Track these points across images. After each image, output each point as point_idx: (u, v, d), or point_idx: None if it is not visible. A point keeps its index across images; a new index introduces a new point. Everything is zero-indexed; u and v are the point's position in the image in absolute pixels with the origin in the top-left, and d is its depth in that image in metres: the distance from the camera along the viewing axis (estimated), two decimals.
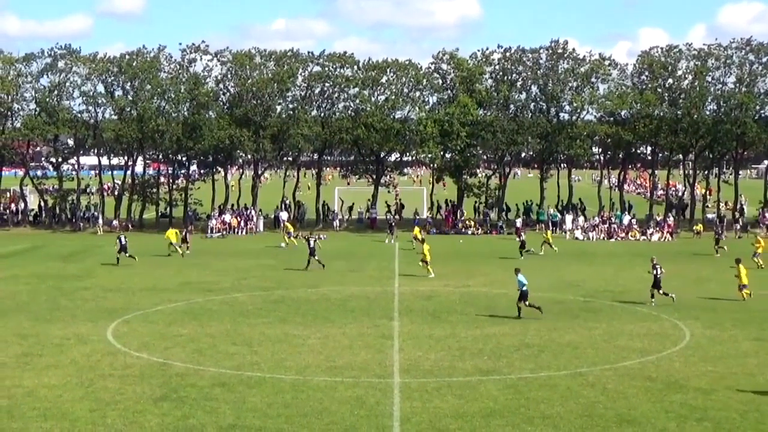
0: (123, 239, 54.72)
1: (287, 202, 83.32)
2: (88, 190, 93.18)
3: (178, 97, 78.17)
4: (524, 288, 35.87)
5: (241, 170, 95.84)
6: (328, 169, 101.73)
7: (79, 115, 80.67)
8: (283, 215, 78.36)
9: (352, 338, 31.74)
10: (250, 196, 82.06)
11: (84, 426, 21.67)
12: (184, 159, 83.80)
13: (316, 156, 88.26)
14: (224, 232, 74.34)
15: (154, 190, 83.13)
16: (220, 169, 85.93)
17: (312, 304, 39.40)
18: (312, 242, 51.59)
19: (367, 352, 29.45)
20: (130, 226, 77.56)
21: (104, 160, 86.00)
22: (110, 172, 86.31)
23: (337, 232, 75.85)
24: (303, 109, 79.14)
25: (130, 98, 78.88)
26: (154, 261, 55.63)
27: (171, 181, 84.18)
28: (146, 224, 79.89)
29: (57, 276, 48.74)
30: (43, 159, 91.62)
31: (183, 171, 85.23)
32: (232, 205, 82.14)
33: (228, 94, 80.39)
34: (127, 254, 53.72)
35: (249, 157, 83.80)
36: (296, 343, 30.91)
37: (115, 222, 77.22)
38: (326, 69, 79.20)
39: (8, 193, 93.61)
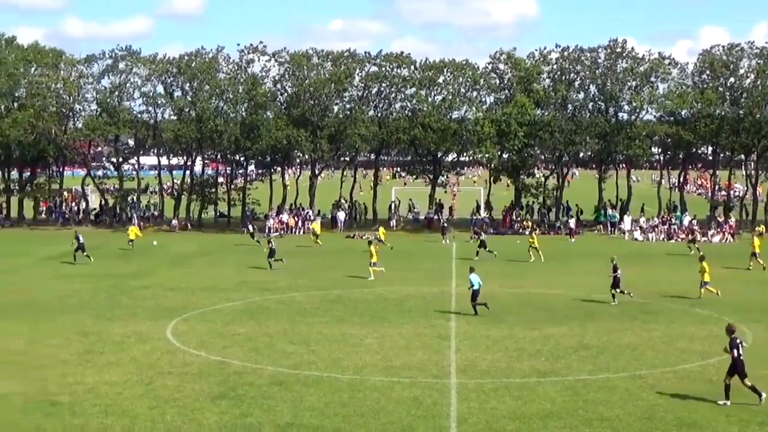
0: (80, 238, 55.28)
1: (344, 202, 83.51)
2: (148, 190, 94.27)
3: (236, 97, 78.75)
4: (476, 288, 36.24)
5: (298, 170, 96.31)
6: (384, 169, 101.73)
7: (139, 116, 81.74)
8: (340, 215, 78.60)
9: (408, 338, 31.72)
10: (308, 196, 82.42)
11: (143, 423, 21.90)
12: (242, 159, 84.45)
13: (372, 156, 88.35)
14: (282, 232, 74.73)
15: (213, 190, 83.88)
16: (277, 169, 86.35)
17: (369, 303, 39.44)
18: (273, 244, 52.85)
19: (423, 353, 29.40)
20: (188, 225, 78.32)
21: (164, 160, 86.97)
22: (169, 172, 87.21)
23: (394, 232, 75.80)
24: (360, 109, 79.28)
25: (189, 99, 79.63)
26: (212, 260, 56.09)
27: (229, 181, 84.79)
28: (205, 224, 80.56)
29: (117, 275, 49.34)
30: (104, 159, 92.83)
31: (241, 171, 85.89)
32: (290, 205, 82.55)
33: (285, 94, 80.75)
34: (84, 253, 54.20)
35: (306, 157, 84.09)
36: (353, 343, 30.96)
37: (174, 221, 78.00)
38: (383, 69, 79.24)
39: (69, 193, 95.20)
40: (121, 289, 43.94)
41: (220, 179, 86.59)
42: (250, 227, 67.52)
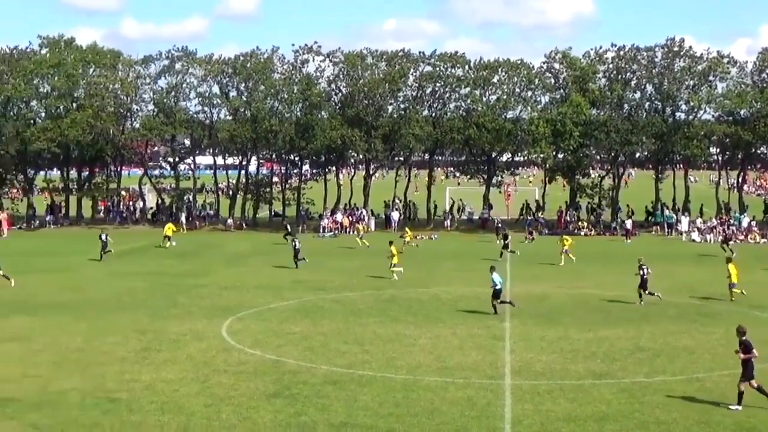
0: (104, 236, 56.68)
1: (398, 201, 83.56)
2: (204, 190, 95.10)
3: (291, 97, 79.20)
4: (498, 287, 36.50)
5: (352, 170, 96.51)
6: (438, 169, 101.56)
7: (195, 116, 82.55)
8: (394, 215, 78.69)
9: (462, 339, 31.65)
10: (362, 196, 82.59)
11: (199, 420, 22.10)
12: (296, 159, 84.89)
13: (426, 156, 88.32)
14: (336, 232, 74.98)
15: (268, 189, 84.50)
16: (332, 168, 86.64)
17: (423, 304, 39.43)
18: (297, 243, 53.41)
19: (478, 353, 29.33)
20: (243, 225, 78.89)
21: (219, 160, 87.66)
22: (225, 172, 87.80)
23: (448, 232, 75.75)
24: (414, 109, 79.27)
25: (245, 99, 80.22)
26: (267, 259, 56.39)
27: (284, 180, 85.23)
28: (259, 223, 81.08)
29: (174, 273, 49.87)
30: (160, 159, 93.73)
31: (296, 171, 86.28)
32: (344, 205, 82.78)
33: (340, 94, 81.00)
34: (105, 251, 55.99)
35: (360, 156, 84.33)
36: (407, 343, 30.97)
37: (229, 221, 78.60)
38: (437, 69, 79.17)
39: (126, 192, 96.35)
40: (178, 287, 44.39)
41: (275, 179, 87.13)
42: (288, 227, 68.00)
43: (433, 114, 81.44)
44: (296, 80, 79.92)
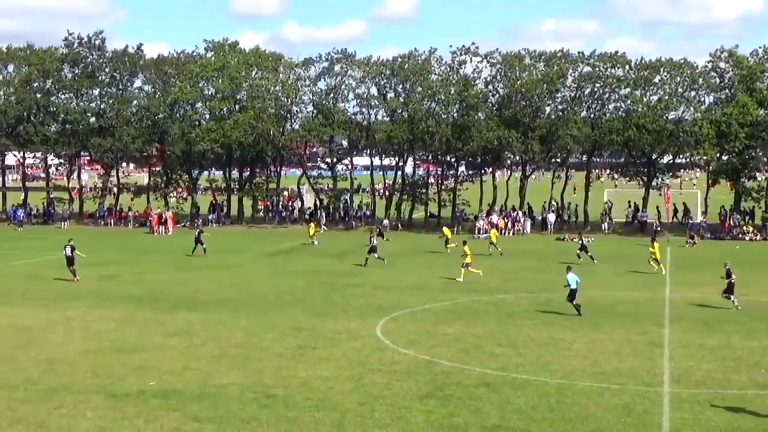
0: (200, 235, 58.25)
1: (554, 203, 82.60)
2: (360, 190, 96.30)
3: (448, 98, 79.31)
4: (573, 287, 36.55)
5: (508, 171, 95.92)
6: (596, 170, 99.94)
7: (353, 117, 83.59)
8: (550, 217, 77.85)
9: (619, 344, 30.98)
10: (518, 198, 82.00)
11: (353, 418, 22.32)
12: (452, 160, 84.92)
13: (584, 157, 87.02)
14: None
15: (423, 190, 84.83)
16: (488, 169, 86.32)
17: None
18: (374, 240, 54.27)
19: (635, 359, 28.65)
20: (399, 225, 79.45)
21: (376, 161, 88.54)
22: (381, 173, 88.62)
23: (606, 235, 74.40)
24: (572, 110, 78.23)
25: (402, 100, 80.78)
26: (422, 260, 56.62)
27: (440, 181, 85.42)
28: (415, 224, 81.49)
29: (330, 272, 50.62)
30: (318, 159, 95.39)
31: (452, 172, 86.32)
32: (500, 206, 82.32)
33: (497, 95, 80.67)
34: (195, 248, 57.68)
35: (517, 158, 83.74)
36: (562, 347, 30.54)
37: (385, 221, 79.30)
38: (597, 69, 77.89)
39: (286, 192, 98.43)
40: (334, 286, 45.04)
41: (431, 180, 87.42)
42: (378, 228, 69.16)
43: (592, 115, 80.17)
44: (453, 81, 80.00)
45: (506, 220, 77.14)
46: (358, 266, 53.32)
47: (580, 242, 56.93)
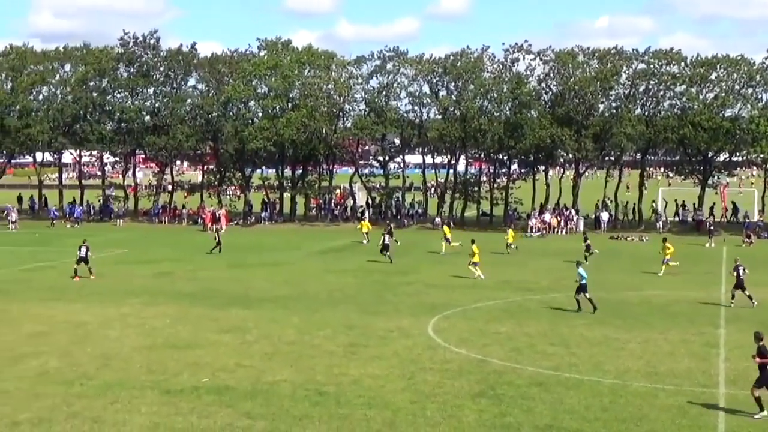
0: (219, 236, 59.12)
1: (608, 202, 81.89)
2: (412, 188, 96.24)
3: (501, 96, 79.04)
4: (583, 281, 37.18)
5: (561, 169, 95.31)
6: (651, 168, 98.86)
7: (405, 115, 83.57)
8: (604, 216, 77.25)
9: (674, 344, 30.65)
10: (571, 196, 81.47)
11: (404, 416, 22.32)
12: (505, 158, 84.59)
13: (638, 155, 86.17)
14: (544, 232, 74.25)
15: (475, 188, 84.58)
16: (540, 168, 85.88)
17: (632, 307, 38.47)
18: (386, 238, 55.43)
19: (690, 360, 28.32)
20: (451, 223, 79.20)
21: (428, 159, 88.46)
22: (433, 170, 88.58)
23: (660, 234, 73.55)
24: (626, 107, 77.50)
25: (454, 98, 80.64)
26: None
27: (492, 179, 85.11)
28: (467, 222, 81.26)
29: (382, 271, 50.67)
30: (371, 157, 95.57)
31: (504, 170, 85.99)
32: (553, 205, 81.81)
33: (550, 93, 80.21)
34: (218, 248, 57.59)
35: (570, 156, 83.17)
36: (615, 347, 30.27)
37: (437, 219, 79.15)
38: (651, 66, 77.13)
39: (338, 190, 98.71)
40: (386, 284, 45.07)
41: (483, 178, 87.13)
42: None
43: (646, 113, 79.31)
44: (506, 79, 79.67)
45: (559, 219, 76.67)
46: (410, 264, 53.32)
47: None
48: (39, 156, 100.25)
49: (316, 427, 21.56)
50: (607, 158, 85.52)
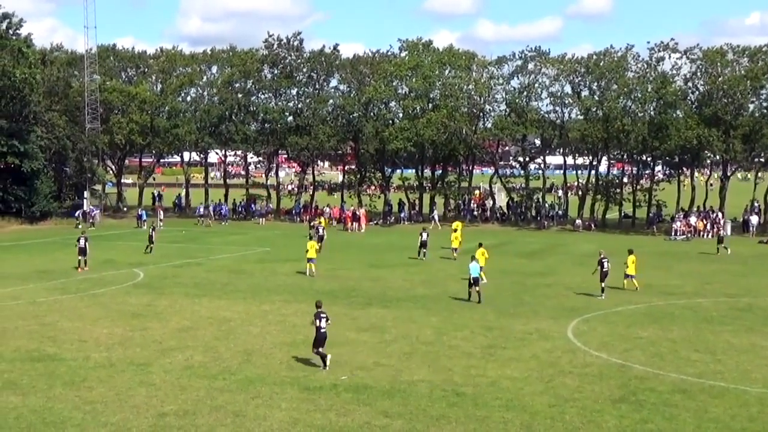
0: (317, 232, 59.23)
1: (757, 205, 79.28)
2: (553, 189, 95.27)
3: (645, 96, 77.53)
4: (475, 275, 39.53)
5: (708, 171, 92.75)
6: None
7: (546, 116, 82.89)
8: (753, 219, 74.84)
9: None
10: (717, 199, 79.23)
11: (543, 420, 22.06)
12: (649, 159, 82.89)
13: None
14: (689, 235, 72.37)
15: (618, 190, 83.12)
16: (686, 169, 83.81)
17: None
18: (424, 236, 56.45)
19: None
20: (592, 225, 78.10)
21: (569, 160, 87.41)
22: (575, 172, 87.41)
23: None
24: None
25: (596, 98, 79.54)
26: (614, 262, 55.28)
27: (635, 181, 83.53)
28: (608, 224, 79.92)
29: (521, 272, 50.27)
30: (511, 158, 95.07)
31: (647, 171, 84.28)
32: (698, 208, 79.69)
33: (697, 92, 78.25)
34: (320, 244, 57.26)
35: (717, 157, 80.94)
36: (764, 355, 29.22)
37: (578, 221, 78.11)
38: None
39: (478, 191, 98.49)
40: (525, 286, 44.70)
41: (626, 179, 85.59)
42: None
43: None
44: (650, 78, 78.14)
45: (705, 222, 74.59)
46: (550, 266, 52.73)
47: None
48: (186, 155, 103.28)
49: (453, 427, 21.50)
50: (756, 159, 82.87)
